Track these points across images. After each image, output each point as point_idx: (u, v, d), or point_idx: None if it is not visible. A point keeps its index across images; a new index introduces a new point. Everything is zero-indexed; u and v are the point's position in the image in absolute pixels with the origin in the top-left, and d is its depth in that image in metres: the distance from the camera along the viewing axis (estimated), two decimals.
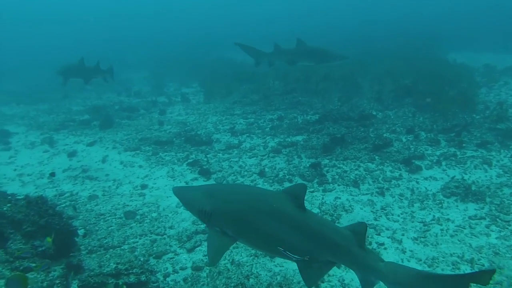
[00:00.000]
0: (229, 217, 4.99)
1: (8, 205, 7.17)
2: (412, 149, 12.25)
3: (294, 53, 14.59)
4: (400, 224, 8.66)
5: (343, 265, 6.98)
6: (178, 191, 5.64)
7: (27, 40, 62.73)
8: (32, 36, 66.52)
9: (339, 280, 6.87)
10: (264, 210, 4.76)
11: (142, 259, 7.72)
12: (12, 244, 6.69)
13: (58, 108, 22.87)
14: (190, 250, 8.13)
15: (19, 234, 6.84)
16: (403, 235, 8.22)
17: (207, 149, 13.83)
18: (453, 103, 14.19)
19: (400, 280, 4.37)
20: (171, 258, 7.94)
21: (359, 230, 4.53)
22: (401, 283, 4.36)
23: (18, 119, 20.55)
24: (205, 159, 12.79)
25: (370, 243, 7.89)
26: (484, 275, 3.90)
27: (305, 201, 4.71)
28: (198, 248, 8.20)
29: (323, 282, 6.85)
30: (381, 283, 4.62)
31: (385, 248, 7.79)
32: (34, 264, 6.36)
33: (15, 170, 13.34)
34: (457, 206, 9.20)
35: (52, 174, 12.22)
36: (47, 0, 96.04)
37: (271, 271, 7.22)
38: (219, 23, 65.49)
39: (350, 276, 6.88)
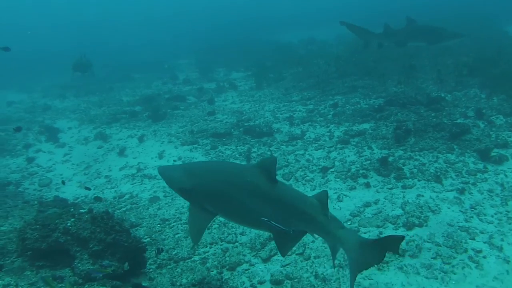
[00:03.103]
0: (207, 193, 5.10)
1: (72, 219, 6.67)
2: (493, 136, 11.12)
3: (406, 33, 13.72)
4: (496, 226, 7.69)
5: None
6: (161, 170, 5.65)
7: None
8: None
9: None
10: (238, 184, 4.95)
11: (215, 271, 7.15)
12: (79, 264, 6.19)
13: (108, 99, 22.50)
14: (265, 260, 7.46)
15: (86, 253, 6.32)
16: (502, 240, 7.27)
17: (268, 140, 13.01)
18: None
19: (351, 247, 4.57)
20: (246, 270, 7.28)
21: (322, 199, 4.79)
22: (352, 250, 4.56)
23: (69, 113, 20.35)
24: (269, 152, 12.05)
25: (466, 250, 7.04)
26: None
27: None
28: (274, 258, 7.50)
29: None
30: None
31: (484, 257, 6.88)
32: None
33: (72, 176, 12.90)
34: None
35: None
36: None
37: (360, 285, 6.49)
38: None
39: None
